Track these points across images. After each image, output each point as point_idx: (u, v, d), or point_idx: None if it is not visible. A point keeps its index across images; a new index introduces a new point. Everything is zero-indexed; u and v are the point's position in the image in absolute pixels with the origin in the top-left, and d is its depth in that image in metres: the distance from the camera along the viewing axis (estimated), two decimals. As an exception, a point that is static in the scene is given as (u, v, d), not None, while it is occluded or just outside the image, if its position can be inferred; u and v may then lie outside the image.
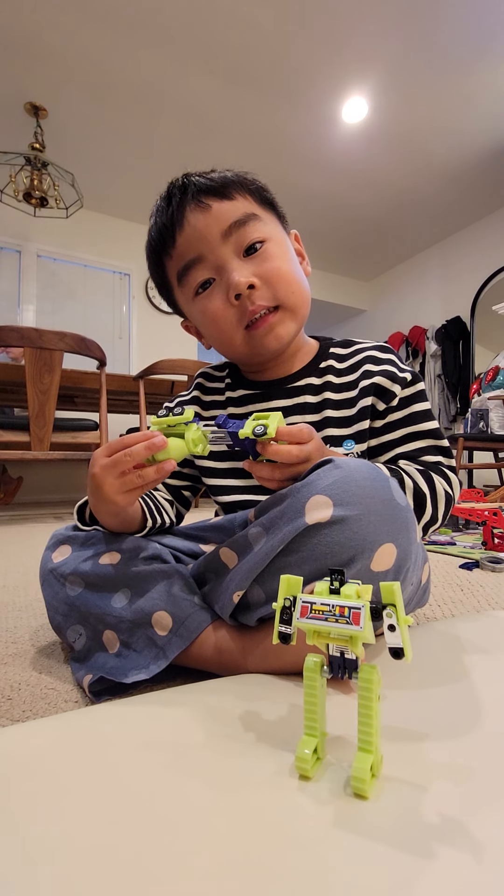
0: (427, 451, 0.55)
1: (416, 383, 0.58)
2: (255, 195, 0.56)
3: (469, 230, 4.03)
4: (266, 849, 0.23)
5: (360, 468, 0.41)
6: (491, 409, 2.89)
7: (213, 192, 0.53)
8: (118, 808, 0.27)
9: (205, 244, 0.53)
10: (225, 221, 0.53)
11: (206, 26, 2.28)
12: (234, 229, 0.53)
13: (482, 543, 1.34)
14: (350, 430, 0.57)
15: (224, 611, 0.46)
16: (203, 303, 0.56)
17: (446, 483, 0.53)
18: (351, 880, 0.21)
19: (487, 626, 0.59)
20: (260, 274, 0.53)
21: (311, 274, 0.61)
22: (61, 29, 2.29)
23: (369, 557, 0.39)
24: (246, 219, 0.53)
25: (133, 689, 0.46)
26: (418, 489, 0.50)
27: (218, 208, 0.53)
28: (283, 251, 0.56)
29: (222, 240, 0.53)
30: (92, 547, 0.53)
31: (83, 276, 3.87)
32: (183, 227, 0.54)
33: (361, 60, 2.49)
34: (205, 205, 0.53)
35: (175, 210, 0.54)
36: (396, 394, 0.56)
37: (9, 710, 0.44)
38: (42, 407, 1.91)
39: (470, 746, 0.32)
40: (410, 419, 0.56)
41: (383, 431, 0.57)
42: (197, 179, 0.54)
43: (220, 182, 0.54)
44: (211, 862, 0.23)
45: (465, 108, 2.80)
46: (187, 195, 0.53)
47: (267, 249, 0.54)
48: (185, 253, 0.55)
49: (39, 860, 0.23)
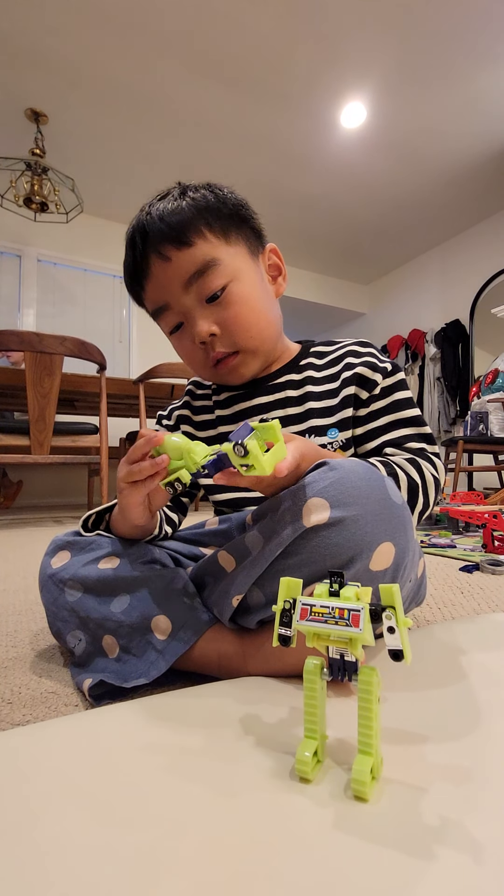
0: (411, 439, 0.57)
1: (396, 373, 0.60)
2: (215, 228, 0.55)
3: (467, 233, 4.05)
4: (266, 851, 0.23)
5: (356, 469, 0.42)
6: (490, 412, 2.90)
7: (172, 241, 0.53)
8: (119, 812, 0.27)
9: (169, 295, 0.55)
10: (185, 273, 0.54)
11: (207, 33, 2.30)
12: (195, 280, 0.54)
13: (482, 546, 1.34)
14: (333, 419, 0.59)
15: (223, 615, 0.46)
16: (175, 341, 0.60)
17: (433, 468, 0.54)
18: (351, 883, 0.21)
19: (487, 628, 0.59)
20: (220, 321, 0.56)
21: (311, 277, 0.62)
22: (62, 35, 2.31)
23: (368, 557, 0.39)
24: (205, 268, 0.53)
25: (133, 693, 0.46)
26: (412, 480, 0.51)
27: (177, 259, 0.53)
28: (246, 290, 0.56)
29: (184, 290, 0.54)
30: (91, 552, 0.53)
31: (83, 280, 3.89)
32: (148, 278, 0.56)
33: (360, 66, 2.51)
34: (164, 257, 0.53)
35: (139, 259, 0.55)
36: (378, 382, 0.58)
37: (9, 714, 0.44)
38: (42, 411, 1.91)
39: (470, 748, 0.32)
40: (393, 407, 0.58)
41: (367, 420, 0.58)
42: (155, 226, 0.53)
43: (178, 226, 0.53)
44: (211, 865, 0.23)
45: (463, 113, 2.82)
46: (148, 244, 0.54)
47: (229, 294, 0.55)
48: (154, 299, 0.57)
49: (40, 863, 0.23)
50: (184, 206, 0.54)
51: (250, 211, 0.59)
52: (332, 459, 0.43)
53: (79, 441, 2.21)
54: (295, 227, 4.03)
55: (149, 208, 0.55)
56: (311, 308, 4.96)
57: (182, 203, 0.54)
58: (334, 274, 4.89)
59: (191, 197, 0.55)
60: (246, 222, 0.58)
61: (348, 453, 0.58)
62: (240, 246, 0.57)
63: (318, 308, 4.99)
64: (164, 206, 0.54)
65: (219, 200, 0.56)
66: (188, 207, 0.54)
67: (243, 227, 0.58)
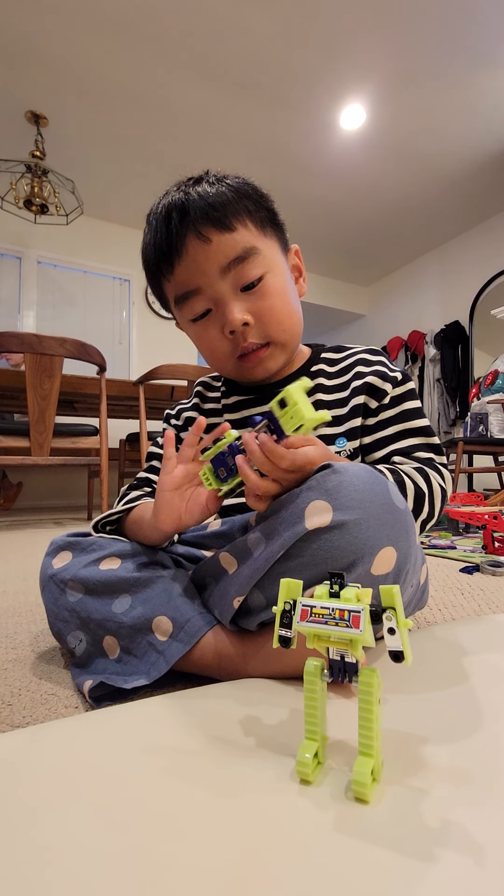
0: (420, 448, 0.56)
1: (406, 382, 0.59)
2: (255, 217, 0.54)
3: (467, 235, 4.06)
4: (267, 853, 0.23)
5: (359, 472, 0.41)
6: (490, 413, 2.90)
7: (214, 222, 0.51)
8: (119, 814, 0.27)
9: (203, 278, 0.53)
10: (225, 258, 0.52)
11: (206, 35, 2.31)
12: (234, 266, 0.52)
13: (482, 547, 1.34)
14: (342, 429, 0.59)
15: (224, 616, 0.46)
16: (199, 329, 0.57)
17: (440, 478, 0.54)
18: (352, 885, 0.21)
19: (488, 629, 0.59)
20: (255, 311, 0.54)
21: (311, 279, 0.63)
22: (62, 38, 2.31)
23: (369, 562, 0.39)
24: (245, 255, 0.52)
25: (133, 695, 0.46)
26: (419, 489, 0.51)
27: (218, 242, 0.51)
28: (281, 283, 0.56)
29: (221, 275, 0.52)
30: (92, 553, 0.53)
31: (83, 282, 3.89)
32: (182, 257, 0.53)
33: (359, 68, 2.51)
34: (205, 238, 0.51)
35: (174, 236, 0.52)
36: (388, 392, 0.58)
37: (9, 716, 0.44)
38: (42, 412, 1.91)
39: (471, 750, 0.32)
40: (402, 416, 0.58)
41: (376, 429, 0.58)
42: (196, 204, 0.51)
43: (221, 207, 0.51)
44: (212, 867, 0.23)
45: (462, 115, 2.82)
46: (187, 222, 0.51)
47: (265, 285, 0.54)
48: (183, 282, 0.54)
49: (40, 865, 0.23)
50: (225, 190, 0.52)
51: (278, 212, 0.59)
52: (336, 463, 0.43)
53: (79, 443, 2.21)
54: (295, 229, 4.00)
55: (185, 188, 0.53)
56: (311, 310, 4.97)
57: (222, 188, 0.53)
58: (334, 276, 4.89)
59: (229, 183, 0.53)
60: (278, 222, 0.58)
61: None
62: (274, 241, 0.57)
63: (318, 309, 4.99)
64: (204, 189, 0.52)
65: (257, 193, 0.55)
66: (230, 192, 0.52)
67: (276, 225, 0.58)
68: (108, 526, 0.60)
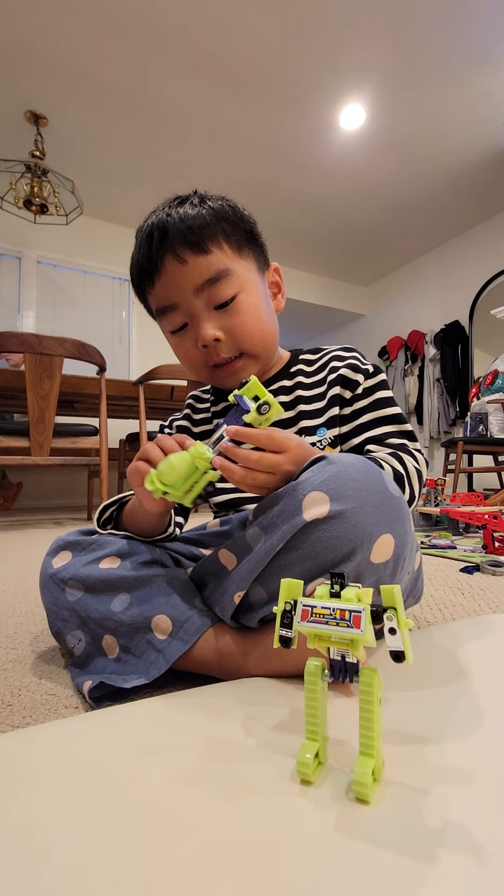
0: (392, 435, 0.59)
1: (377, 374, 0.63)
2: (231, 240, 0.57)
3: (467, 235, 4.06)
4: (267, 854, 0.23)
5: (354, 462, 0.42)
6: (490, 413, 2.90)
7: (190, 245, 0.54)
8: (119, 814, 0.27)
9: (180, 295, 0.56)
10: (199, 278, 0.55)
11: (206, 35, 2.31)
12: (207, 286, 0.55)
13: (482, 547, 1.34)
14: (322, 419, 0.63)
15: (225, 612, 0.46)
16: (177, 340, 0.61)
17: (414, 461, 0.56)
18: (353, 885, 0.21)
19: (488, 629, 0.59)
20: (227, 328, 0.57)
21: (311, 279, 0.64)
22: (62, 38, 2.31)
23: (368, 549, 0.40)
24: (218, 276, 0.55)
25: (133, 695, 0.45)
26: (396, 472, 0.52)
27: (194, 264, 0.54)
28: (254, 301, 0.58)
29: (195, 294, 0.55)
30: (93, 552, 0.53)
31: (83, 282, 3.89)
32: (161, 275, 0.56)
33: (358, 68, 2.51)
34: (181, 259, 0.54)
35: (155, 255, 0.56)
36: (360, 382, 0.62)
37: (9, 717, 0.43)
38: (42, 412, 1.91)
39: (471, 750, 0.32)
40: (375, 405, 0.61)
41: (351, 418, 0.61)
42: (175, 227, 0.54)
43: (198, 230, 0.54)
44: (212, 867, 0.23)
45: (461, 114, 2.82)
46: (166, 242, 0.55)
47: (237, 303, 0.57)
48: (162, 297, 0.58)
49: (40, 867, 0.23)
50: (205, 213, 0.55)
51: (259, 232, 0.62)
52: (330, 454, 0.43)
53: (79, 443, 2.21)
54: (295, 229, 4.04)
55: (168, 209, 0.56)
56: (311, 310, 4.97)
57: (202, 210, 0.56)
58: (334, 276, 4.90)
59: (210, 206, 0.56)
60: (256, 242, 0.61)
61: (335, 451, 0.59)
62: (250, 261, 0.60)
63: (318, 310, 4.99)
64: (185, 211, 0.55)
65: (236, 216, 0.58)
66: (209, 216, 0.56)
67: (254, 245, 0.60)
68: (107, 524, 0.61)
